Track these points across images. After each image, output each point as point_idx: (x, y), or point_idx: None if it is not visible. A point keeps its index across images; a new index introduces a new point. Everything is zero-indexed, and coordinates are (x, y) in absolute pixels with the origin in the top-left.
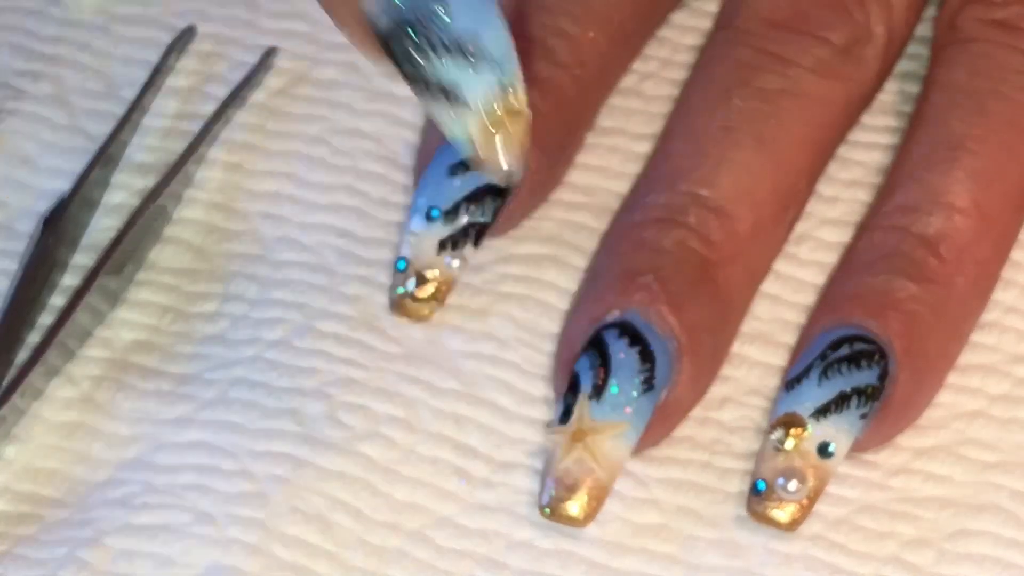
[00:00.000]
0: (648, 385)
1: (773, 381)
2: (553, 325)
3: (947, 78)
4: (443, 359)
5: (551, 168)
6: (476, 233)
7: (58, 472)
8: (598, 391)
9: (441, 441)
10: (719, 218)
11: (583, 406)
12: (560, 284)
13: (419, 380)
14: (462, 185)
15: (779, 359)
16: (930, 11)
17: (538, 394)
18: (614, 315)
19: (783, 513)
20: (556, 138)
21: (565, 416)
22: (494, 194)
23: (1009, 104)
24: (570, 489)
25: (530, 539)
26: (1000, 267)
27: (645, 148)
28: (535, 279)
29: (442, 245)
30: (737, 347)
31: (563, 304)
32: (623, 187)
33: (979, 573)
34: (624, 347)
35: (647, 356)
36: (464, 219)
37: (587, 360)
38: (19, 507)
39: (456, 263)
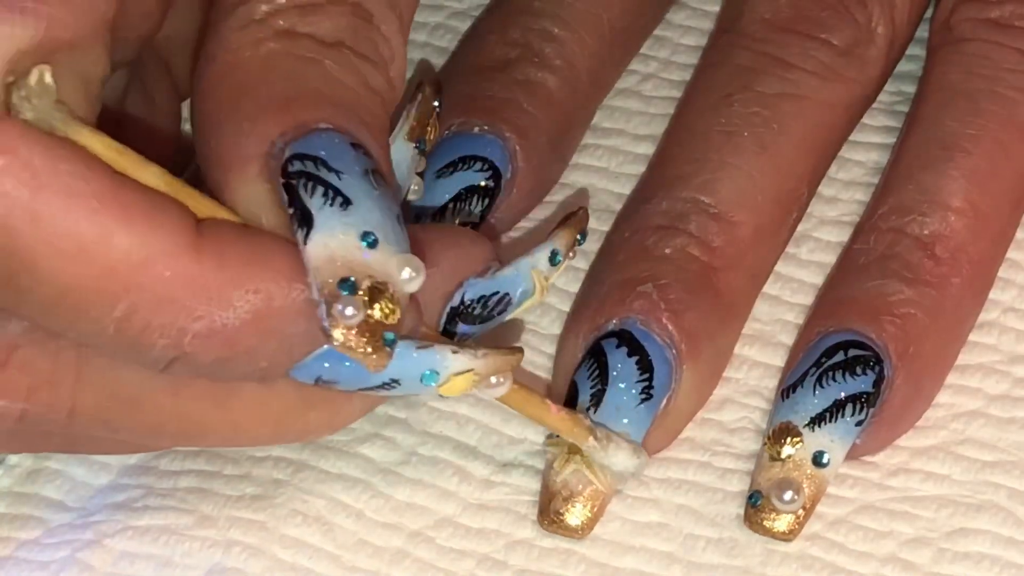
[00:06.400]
0: (647, 395)
1: (773, 382)
2: (553, 326)
3: (942, 78)
4: None
5: (542, 170)
6: None
7: (60, 475)
8: (596, 402)
9: (441, 442)
10: (720, 224)
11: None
12: (559, 284)
13: None
14: (449, 187)
15: (779, 360)
16: (927, 12)
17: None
18: (613, 324)
19: (780, 523)
20: (546, 140)
21: None
22: (481, 195)
23: (1004, 103)
24: (568, 500)
25: (530, 538)
26: (997, 267)
27: (645, 149)
28: None
29: None
30: (737, 348)
31: (562, 305)
32: (623, 187)
33: (977, 572)
34: (623, 357)
35: (645, 366)
36: (453, 221)
37: (586, 370)
38: (21, 510)
39: None
